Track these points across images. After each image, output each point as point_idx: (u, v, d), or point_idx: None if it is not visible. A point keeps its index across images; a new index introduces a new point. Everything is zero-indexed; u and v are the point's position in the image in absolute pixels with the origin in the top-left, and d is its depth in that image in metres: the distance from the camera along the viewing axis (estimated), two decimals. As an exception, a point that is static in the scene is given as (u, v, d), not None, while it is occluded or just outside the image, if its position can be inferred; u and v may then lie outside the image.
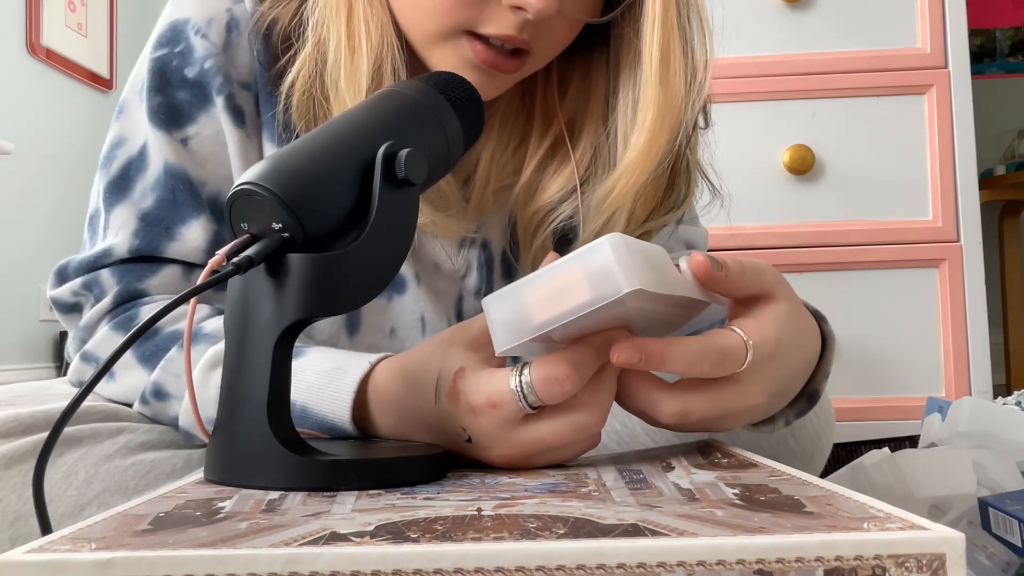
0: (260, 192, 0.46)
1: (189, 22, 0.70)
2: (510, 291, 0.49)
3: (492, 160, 0.76)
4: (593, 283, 0.46)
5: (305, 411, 0.56)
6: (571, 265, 0.47)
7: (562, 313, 0.47)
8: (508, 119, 0.77)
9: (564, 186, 0.75)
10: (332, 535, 0.34)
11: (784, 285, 0.55)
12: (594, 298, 0.46)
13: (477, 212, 0.76)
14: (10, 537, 0.58)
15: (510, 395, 0.49)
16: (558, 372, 0.48)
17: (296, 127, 0.69)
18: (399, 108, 0.53)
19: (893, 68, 1.48)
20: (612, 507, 0.39)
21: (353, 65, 0.66)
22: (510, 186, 0.77)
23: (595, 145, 0.75)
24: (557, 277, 0.47)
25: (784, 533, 0.33)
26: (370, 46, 0.66)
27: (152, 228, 0.69)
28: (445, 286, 0.77)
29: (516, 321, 0.48)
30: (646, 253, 0.48)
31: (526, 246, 0.78)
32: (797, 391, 0.58)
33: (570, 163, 0.75)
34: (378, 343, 0.74)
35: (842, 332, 1.44)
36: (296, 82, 0.67)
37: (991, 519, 0.75)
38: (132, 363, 0.66)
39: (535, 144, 0.76)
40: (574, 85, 0.76)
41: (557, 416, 0.49)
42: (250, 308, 0.47)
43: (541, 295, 0.48)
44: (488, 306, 0.50)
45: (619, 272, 0.45)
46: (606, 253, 0.46)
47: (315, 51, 0.67)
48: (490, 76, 0.67)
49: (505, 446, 0.50)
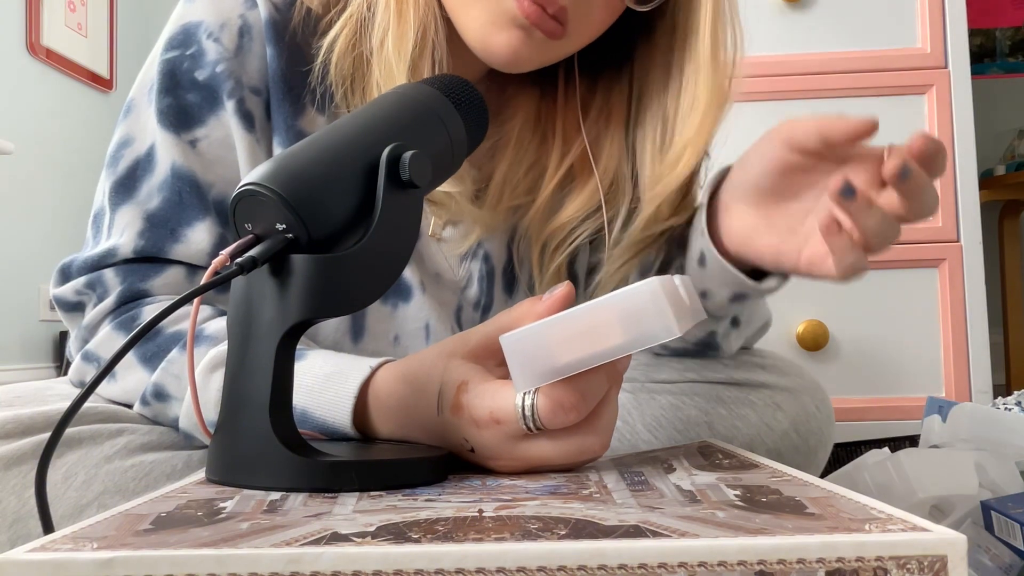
0: (264, 193, 0.46)
1: (201, 25, 0.70)
2: (530, 332, 0.48)
3: (506, 178, 0.77)
4: (627, 326, 0.46)
5: (305, 415, 0.56)
6: (603, 307, 0.47)
7: (591, 355, 0.47)
8: (524, 138, 0.78)
9: (583, 207, 0.75)
10: (333, 535, 0.34)
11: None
12: (627, 342, 0.46)
13: (487, 229, 0.76)
14: (10, 538, 0.58)
15: (514, 412, 0.49)
16: (564, 401, 0.48)
17: (332, 83, 0.69)
18: (404, 110, 0.53)
19: (893, 68, 1.48)
20: (613, 508, 0.39)
21: (400, 29, 0.66)
22: (521, 205, 0.77)
23: (616, 168, 0.75)
24: (586, 318, 0.47)
25: (785, 534, 0.33)
26: (416, 12, 0.66)
27: (157, 229, 0.69)
28: (446, 296, 0.77)
29: (538, 361, 0.48)
30: (677, 292, 0.49)
31: (540, 266, 0.78)
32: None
33: (588, 186, 0.76)
34: (382, 350, 0.74)
35: (842, 332, 1.46)
36: (339, 39, 0.68)
37: (993, 522, 0.75)
38: (133, 364, 0.66)
39: (554, 166, 0.77)
40: (596, 108, 0.77)
41: (563, 438, 0.50)
42: (253, 308, 0.47)
43: (567, 335, 0.47)
44: (507, 345, 0.49)
45: (657, 319, 0.45)
46: (645, 298, 0.46)
47: (360, 10, 0.68)
48: (528, 35, 0.66)
49: (509, 458, 0.50)
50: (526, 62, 0.69)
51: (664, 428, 0.75)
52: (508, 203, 0.77)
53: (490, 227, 0.76)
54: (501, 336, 0.49)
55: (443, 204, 0.73)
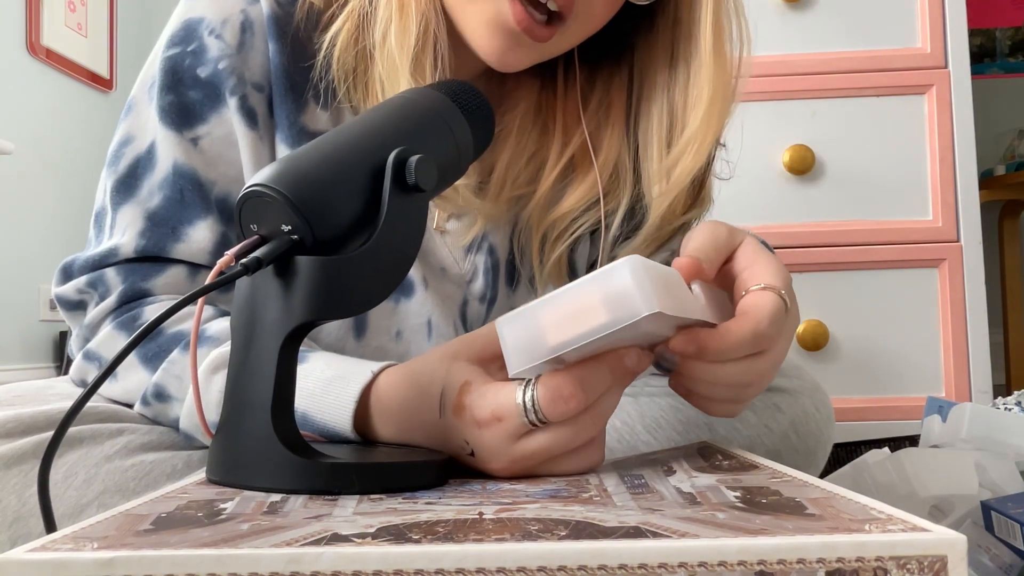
0: (270, 194, 0.46)
1: (203, 22, 0.69)
2: (523, 313, 0.49)
3: (508, 169, 0.77)
4: (610, 306, 0.46)
5: (306, 418, 0.56)
6: (587, 287, 0.47)
7: (578, 335, 0.47)
8: (525, 129, 0.78)
9: (583, 199, 0.76)
10: (334, 536, 0.34)
11: (735, 231, 0.59)
12: (611, 320, 0.46)
13: (489, 220, 0.76)
14: (10, 538, 0.58)
15: (515, 409, 0.49)
16: (564, 390, 0.48)
17: (335, 78, 0.69)
18: (410, 114, 0.53)
19: (893, 68, 1.48)
20: (613, 511, 0.39)
21: (402, 23, 0.66)
22: (522, 195, 0.77)
23: (616, 159, 0.76)
24: (572, 299, 0.47)
25: (785, 534, 0.33)
26: (418, 6, 0.66)
27: (158, 228, 0.69)
28: (451, 290, 0.77)
29: (530, 343, 0.48)
30: (663, 276, 0.48)
31: (540, 257, 0.78)
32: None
33: (588, 177, 0.76)
34: (385, 346, 0.74)
35: (842, 332, 1.46)
36: (340, 34, 0.68)
37: (993, 522, 0.75)
38: (134, 364, 0.66)
39: (554, 157, 0.77)
40: (596, 99, 0.77)
41: (559, 429, 0.50)
42: (257, 309, 0.47)
43: (556, 317, 0.47)
44: (501, 328, 0.49)
45: (638, 295, 0.45)
46: (624, 276, 0.46)
47: (362, 4, 0.68)
48: (517, 41, 0.66)
49: (507, 459, 0.50)
50: (516, 65, 0.70)
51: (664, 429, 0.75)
52: (510, 193, 0.77)
53: (492, 218, 0.76)
54: (496, 320, 0.49)
55: (447, 197, 0.73)
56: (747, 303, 0.54)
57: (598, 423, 0.51)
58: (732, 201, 0.87)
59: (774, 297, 0.54)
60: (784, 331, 0.55)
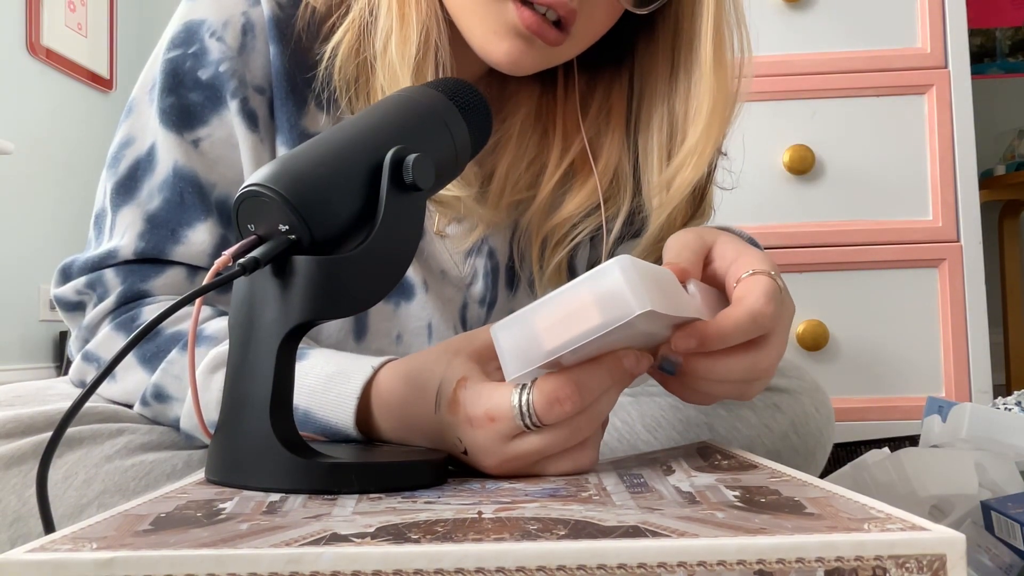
0: (267, 194, 0.46)
1: (204, 24, 0.69)
2: (518, 318, 0.49)
3: (508, 174, 0.77)
4: (603, 307, 0.46)
5: (308, 415, 0.56)
6: (579, 289, 0.47)
7: (573, 338, 0.47)
8: (525, 134, 0.78)
9: (583, 204, 0.76)
10: (333, 536, 0.34)
11: (705, 230, 0.60)
12: (604, 321, 0.46)
13: (490, 224, 0.76)
14: (10, 538, 0.58)
15: (509, 411, 0.49)
16: (560, 393, 0.48)
17: (337, 88, 0.69)
18: (408, 113, 0.53)
19: (893, 68, 1.48)
20: (613, 510, 0.39)
21: (403, 33, 0.66)
22: (522, 200, 0.77)
23: (616, 165, 0.76)
24: (565, 302, 0.47)
25: (785, 534, 0.33)
26: (419, 15, 0.66)
27: (158, 230, 0.69)
28: (451, 293, 0.77)
29: (526, 348, 0.48)
30: (655, 275, 0.48)
31: (539, 262, 0.78)
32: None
33: (588, 183, 0.76)
34: (385, 349, 0.74)
35: (842, 332, 1.46)
36: (341, 44, 0.68)
37: (993, 522, 0.75)
38: (133, 364, 0.66)
39: (554, 162, 0.77)
40: (596, 105, 0.77)
41: (552, 430, 0.50)
42: (255, 309, 0.47)
43: (550, 321, 0.47)
44: (496, 334, 0.49)
45: (629, 294, 0.45)
46: (615, 276, 0.46)
47: (362, 14, 0.68)
48: (529, 44, 0.66)
49: (499, 458, 0.50)
50: (528, 68, 0.69)
51: (663, 428, 0.75)
52: (510, 198, 0.77)
53: (492, 223, 0.77)
54: (491, 326, 0.49)
55: (447, 204, 0.73)
56: (740, 290, 0.55)
57: (593, 424, 0.51)
58: (732, 201, 0.87)
59: (765, 279, 0.54)
60: (782, 316, 0.55)
